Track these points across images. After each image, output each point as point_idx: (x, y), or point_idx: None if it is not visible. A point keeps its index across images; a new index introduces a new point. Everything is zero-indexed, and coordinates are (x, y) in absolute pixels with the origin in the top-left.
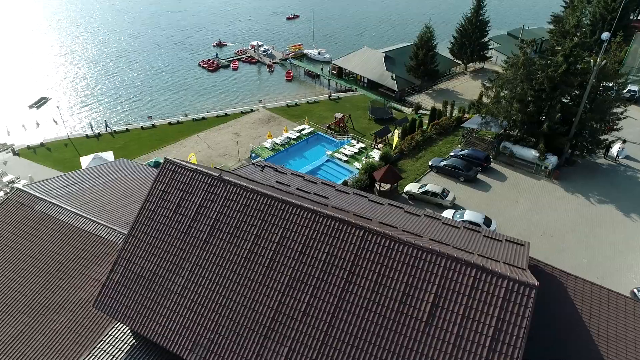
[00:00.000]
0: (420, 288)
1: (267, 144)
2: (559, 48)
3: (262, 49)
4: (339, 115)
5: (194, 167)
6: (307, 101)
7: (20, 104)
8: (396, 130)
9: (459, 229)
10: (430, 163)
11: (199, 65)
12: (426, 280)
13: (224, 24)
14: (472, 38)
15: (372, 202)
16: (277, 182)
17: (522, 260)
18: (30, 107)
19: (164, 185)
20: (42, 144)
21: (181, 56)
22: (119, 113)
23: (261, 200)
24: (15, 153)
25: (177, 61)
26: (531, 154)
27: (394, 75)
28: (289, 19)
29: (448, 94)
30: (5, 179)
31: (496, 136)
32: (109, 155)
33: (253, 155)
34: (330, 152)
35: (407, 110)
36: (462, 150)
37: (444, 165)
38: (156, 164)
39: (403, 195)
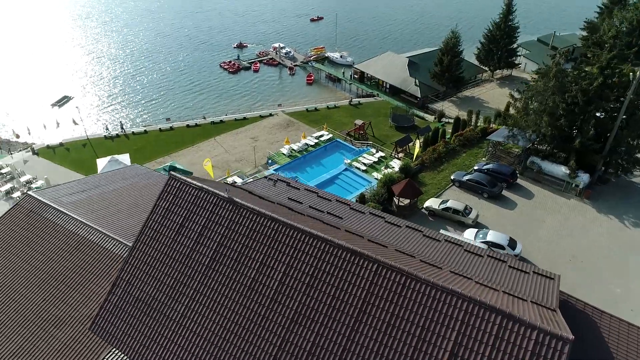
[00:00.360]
0: (438, 333)
1: (285, 150)
2: (594, 59)
3: (283, 51)
4: (359, 122)
5: (200, 184)
6: (327, 106)
7: (43, 102)
8: (418, 139)
9: (482, 257)
10: (452, 177)
11: (220, 66)
12: (445, 325)
13: (247, 25)
14: (500, 44)
15: (389, 224)
16: (289, 198)
17: (551, 297)
18: (53, 105)
19: (168, 203)
20: (61, 144)
21: (203, 57)
22: (138, 114)
23: (268, 225)
24: (35, 152)
25: (199, 62)
26: (561, 170)
27: (417, 81)
28: (312, 20)
29: (473, 102)
30: (23, 179)
31: (523, 150)
32: (125, 158)
33: (270, 161)
34: (349, 161)
35: (430, 118)
36: (486, 164)
37: (467, 180)
38: (171, 168)
39: (423, 210)
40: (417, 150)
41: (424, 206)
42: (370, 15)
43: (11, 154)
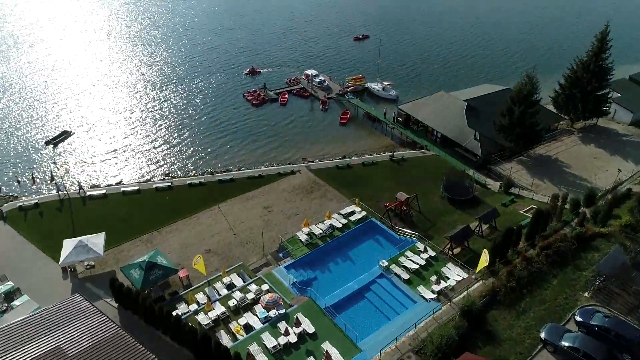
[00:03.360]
0: None
1: (302, 234)
2: None
3: (317, 79)
4: (401, 196)
5: None
6: (363, 163)
7: (39, 138)
8: (485, 250)
9: None
10: (542, 335)
11: (244, 97)
12: None
13: (285, 46)
14: (586, 89)
15: None
16: None
17: None
18: (48, 142)
19: None
20: (36, 204)
21: (227, 84)
22: (137, 161)
23: None
24: (3, 216)
25: (222, 91)
26: None
27: (477, 134)
28: (356, 39)
29: (549, 164)
30: None
31: None
32: (97, 241)
33: (282, 253)
34: (386, 263)
35: (493, 185)
36: (595, 311)
37: (567, 347)
38: (149, 265)
39: None
40: (483, 262)
41: None
42: (422, 38)
43: None
